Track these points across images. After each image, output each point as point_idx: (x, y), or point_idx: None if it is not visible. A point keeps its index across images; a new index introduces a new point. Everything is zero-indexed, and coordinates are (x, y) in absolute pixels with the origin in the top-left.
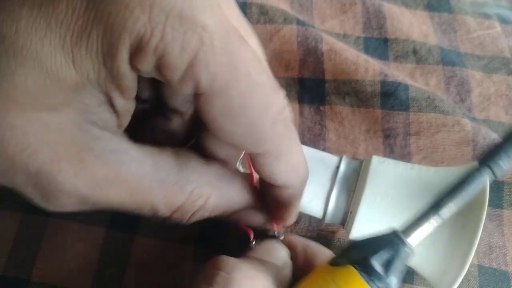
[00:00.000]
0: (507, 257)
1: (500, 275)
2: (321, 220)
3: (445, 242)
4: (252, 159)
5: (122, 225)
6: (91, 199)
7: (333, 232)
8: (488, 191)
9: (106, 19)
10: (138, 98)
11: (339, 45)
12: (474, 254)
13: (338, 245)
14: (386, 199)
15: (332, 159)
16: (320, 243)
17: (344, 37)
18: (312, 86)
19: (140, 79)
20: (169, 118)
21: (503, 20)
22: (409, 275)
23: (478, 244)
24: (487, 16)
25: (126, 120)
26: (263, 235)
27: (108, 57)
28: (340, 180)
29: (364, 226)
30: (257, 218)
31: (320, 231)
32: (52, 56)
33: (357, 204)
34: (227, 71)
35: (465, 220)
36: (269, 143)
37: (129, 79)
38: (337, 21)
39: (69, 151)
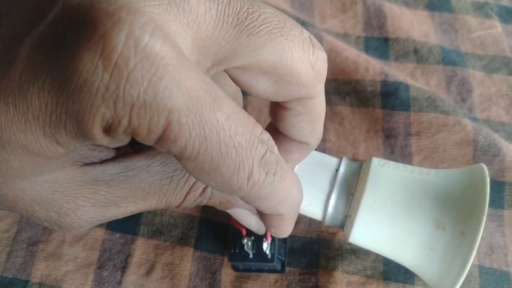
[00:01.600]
0: (508, 258)
1: (501, 276)
2: (320, 222)
3: (445, 245)
4: None
5: (121, 227)
6: (111, 217)
7: (333, 234)
8: (489, 192)
9: (76, 116)
10: None
11: (340, 45)
12: (475, 255)
13: (338, 247)
14: (385, 203)
15: (332, 161)
16: (320, 245)
17: (344, 36)
18: None
19: None
20: None
21: (504, 20)
22: (410, 275)
23: (479, 245)
24: (488, 16)
25: (127, 141)
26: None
27: (86, 139)
28: (339, 183)
29: (363, 230)
30: (251, 221)
31: (320, 232)
32: (37, 143)
33: (356, 208)
34: (197, 142)
35: (465, 223)
36: (246, 193)
37: (114, 143)
38: (337, 20)
39: (80, 190)
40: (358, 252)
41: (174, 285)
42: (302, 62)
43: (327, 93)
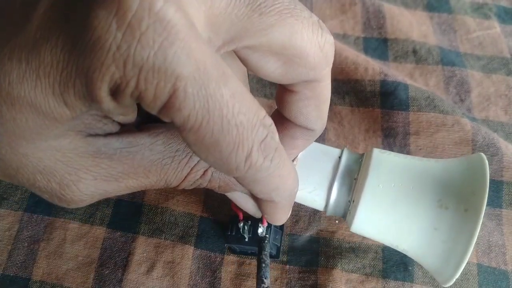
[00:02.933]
0: (507, 256)
1: (499, 274)
2: (321, 213)
3: (449, 224)
4: None
5: (122, 225)
6: (112, 192)
7: (333, 232)
8: (488, 172)
9: (86, 73)
10: None
11: (339, 45)
12: (474, 253)
13: (338, 245)
14: (388, 186)
15: (334, 150)
16: (320, 243)
17: (344, 37)
18: None
19: None
20: None
21: (502, 21)
22: (409, 273)
23: (478, 243)
24: (486, 17)
25: (132, 118)
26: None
27: (93, 101)
28: (342, 169)
29: (366, 215)
30: (249, 205)
31: (320, 231)
32: (45, 101)
33: (359, 192)
34: (200, 114)
35: (468, 201)
36: (241, 173)
37: (119, 110)
38: (337, 21)
39: (83, 161)
40: (357, 250)
41: (174, 283)
42: (311, 44)
43: None
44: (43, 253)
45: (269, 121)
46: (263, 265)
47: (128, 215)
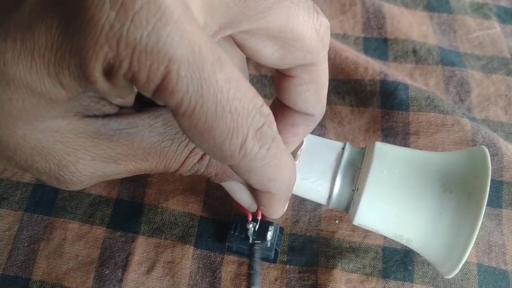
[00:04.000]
0: (507, 256)
1: (500, 274)
2: (321, 213)
3: (454, 208)
4: None
5: (122, 225)
6: (111, 174)
7: (333, 232)
8: (490, 172)
9: (80, 53)
10: None
11: (339, 45)
12: (474, 253)
13: (338, 245)
14: (393, 173)
15: (337, 143)
16: (320, 243)
17: (344, 37)
18: None
19: None
20: None
21: (502, 21)
22: (409, 274)
23: (478, 243)
24: (486, 17)
25: (130, 102)
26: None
27: (88, 81)
28: (346, 159)
29: (371, 204)
30: (244, 196)
31: (320, 231)
32: (40, 82)
33: (364, 179)
34: (193, 98)
35: (471, 184)
36: (235, 161)
37: (115, 91)
38: (336, 21)
39: (82, 142)
40: (357, 250)
41: (174, 283)
42: (308, 27)
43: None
44: (43, 253)
45: (267, 110)
46: (252, 271)
47: (128, 215)
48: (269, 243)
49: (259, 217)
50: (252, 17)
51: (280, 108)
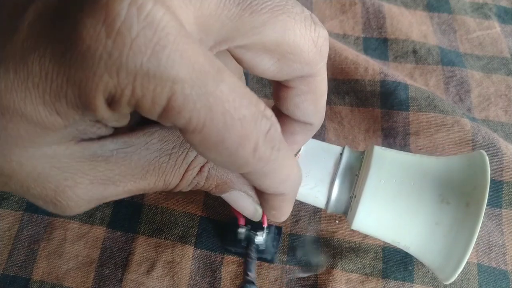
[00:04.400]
0: (507, 256)
1: (500, 274)
2: (321, 213)
3: (451, 218)
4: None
5: (122, 225)
6: (109, 197)
7: (333, 232)
8: (489, 167)
9: (79, 84)
10: None
11: (339, 45)
12: (474, 253)
13: (338, 245)
14: (390, 181)
15: (335, 147)
16: (319, 243)
17: (343, 37)
18: None
19: None
20: None
21: (502, 21)
22: (409, 273)
23: (478, 243)
24: (486, 17)
25: (125, 122)
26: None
27: (88, 110)
28: (344, 165)
29: (368, 210)
30: (247, 204)
31: (320, 231)
32: (36, 111)
33: (361, 187)
34: (202, 114)
35: (469, 195)
36: (251, 167)
37: (116, 117)
38: (336, 21)
39: (79, 166)
40: (357, 250)
41: (174, 283)
42: (305, 39)
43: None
44: (43, 253)
45: (270, 112)
46: (249, 259)
47: (128, 215)
48: (264, 246)
49: (265, 225)
50: (248, 32)
51: (279, 116)
